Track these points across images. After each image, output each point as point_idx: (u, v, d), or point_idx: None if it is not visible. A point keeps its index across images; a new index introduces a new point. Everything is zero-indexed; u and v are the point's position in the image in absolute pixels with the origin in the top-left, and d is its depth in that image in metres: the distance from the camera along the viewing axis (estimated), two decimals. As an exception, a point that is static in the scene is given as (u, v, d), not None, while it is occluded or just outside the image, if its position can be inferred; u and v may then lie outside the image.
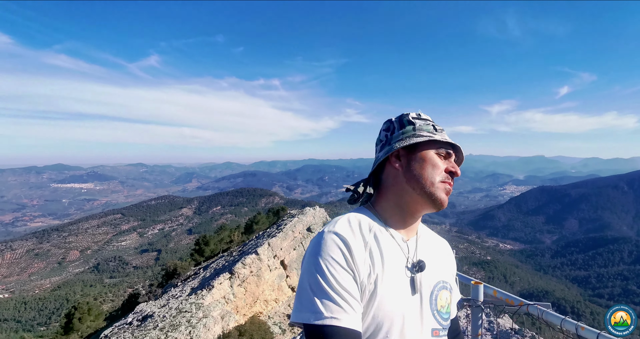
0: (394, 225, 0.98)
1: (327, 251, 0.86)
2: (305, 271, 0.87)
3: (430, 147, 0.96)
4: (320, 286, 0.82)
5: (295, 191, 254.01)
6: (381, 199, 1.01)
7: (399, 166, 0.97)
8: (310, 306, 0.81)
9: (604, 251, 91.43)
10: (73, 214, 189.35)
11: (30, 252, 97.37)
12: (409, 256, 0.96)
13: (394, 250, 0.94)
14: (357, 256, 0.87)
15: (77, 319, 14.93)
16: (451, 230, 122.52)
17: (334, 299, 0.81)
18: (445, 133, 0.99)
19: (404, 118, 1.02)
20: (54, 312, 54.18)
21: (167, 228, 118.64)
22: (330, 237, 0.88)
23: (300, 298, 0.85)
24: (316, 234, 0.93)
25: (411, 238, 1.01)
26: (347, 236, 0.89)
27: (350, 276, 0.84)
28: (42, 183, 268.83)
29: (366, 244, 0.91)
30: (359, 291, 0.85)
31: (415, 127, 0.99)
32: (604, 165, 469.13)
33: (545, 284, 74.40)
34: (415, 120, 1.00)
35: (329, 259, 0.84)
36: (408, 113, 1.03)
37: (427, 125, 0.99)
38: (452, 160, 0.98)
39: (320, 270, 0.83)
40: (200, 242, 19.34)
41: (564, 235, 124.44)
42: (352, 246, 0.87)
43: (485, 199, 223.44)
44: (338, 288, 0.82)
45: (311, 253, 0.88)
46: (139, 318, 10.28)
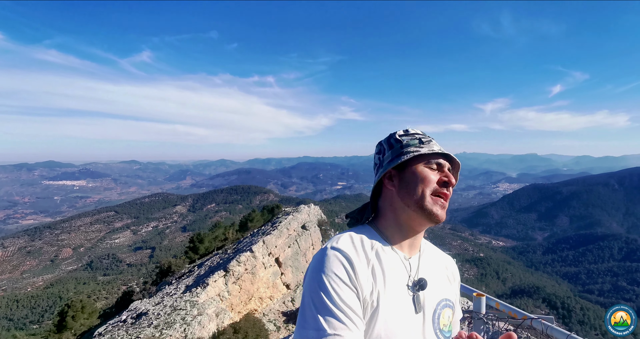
0: (396, 242, 0.99)
1: (330, 267, 0.86)
2: (308, 288, 0.87)
3: (418, 161, 0.96)
4: (323, 303, 0.82)
5: (290, 188, 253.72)
6: (381, 218, 1.02)
7: (391, 186, 0.99)
8: (313, 323, 0.81)
9: (594, 247, 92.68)
10: (65, 211, 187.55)
11: (22, 250, 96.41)
12: (411, 274, 0.97)
13: (396, 267, 0.95)
14: (360, 273, 0.87)
15: (70, 317, 14.87)
16: (444, 227, 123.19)
17: (337, 317, 0.81)
18: (434, 143, 0.99)
19: (391, 139, 1.03)
20: (47, 310, 53.77)
21: (161, 225, 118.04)
22: (333, 254, 0.89)
23: (304, 314, 0.85)
24: (318, 250, 0.93)
25: (414, 256, 1.01)
26: (350, 253, 0.89)
27: (353, 293, 0.85)
28: (33, 180, 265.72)
29: (369, 261, 0.91)
30: (362, 308, 0.86)
31: (403, 145, 0.99)
32: (595, 163, 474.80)
33: (536, 280, 75.25)
34: (402, 138, 1.01)
35: (332, 276, 0.85)
36: (396, 132, 1.04)
37: (414, 139, 0.99)
38: (445, 169, 0.96)
39: (324, 286, 0.84)
40: (195, 240, 19.32)
41: (555, 231, 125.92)
42: (355, 263, 0.88)
43: (479, 197, 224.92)
44: (341, 305, 0.82)
45: (314, 269, 0.88)
46: (133, 316, 10.29)
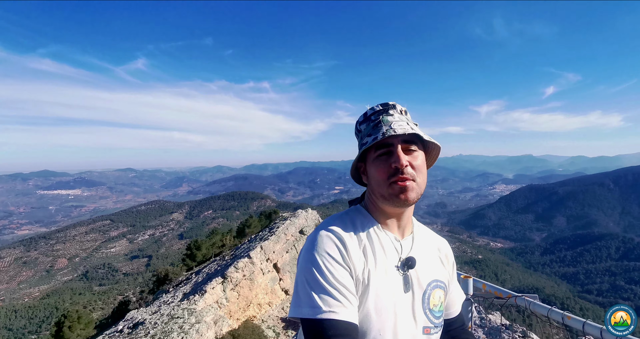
0: (386, 224, 1.00)
1: (323, 247, 0.88)
2: (302, 267, 0.89)
3: (370, 152, 0.96)
4: (317, 281, 0.84)
5: (287, 193, 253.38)
6: (369, 202, 1.04)
7: (365, 179, 1.02)
8: (308, 300, 0.83)
9: (592, 247, 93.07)
10: (60, 221, 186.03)
11: (18, 260, 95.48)
12: (402, 255, 0.98)
13: (387, 248, 0.96)
14: (352, 252, 0.89)
15: (67, 327, 14.68)
16: (442, 229, 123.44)
17: (331, 294, 0.82)
18: (382, 125, 0.94)
19: (355, 129, 1.04)
20: (44, 320, 53.48)
21: (157, 233, 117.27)
22: (326, 234, 0.91)
23: (298, 293, 0.86)
24: (312, 231, 0.95)
25: (406, 238, 1.03)
26: (342, 234, 0.92)
27: (346, 271, 0.87)
28: (28, 190, 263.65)
29: (360, 241, 0.94)
30: (355, 286, 0.88)
31: (361, 135, 1.00)
32: (590, 163, 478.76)
33: (535, 281, 75.39)
34: (360, 127, 1.02)
35: (325, 255, 0.87)
36: (358, 118, 1.04)
37: (368, 126, 0.98)
38: (396, 152, 0.91)
39: (317, 265, 0.85)
40: (192, 247, 19.16)
41: (553, 232, 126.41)
42: (347, 242, 0.90)
43: (476, 198, 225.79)
44: (335, 282, 0.84)
45: (307, 249, 0.90)
46: (130, 326, 10.15)
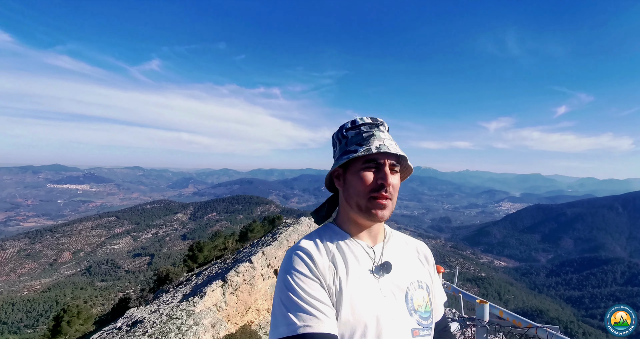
0: (357, 234, 1.01)
1: (293, 265, 0.89)
2: (276, 289, 0.90)
3: (357, 161, 0.95)
4: (290, 299, 0.84)
5: (292, 200, 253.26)
6: (339, 214, 1.05)
7: (339, 185, 1.01)
8: (283, 320, 0.83)
9: (598, 271, 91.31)
10: (67, 215, 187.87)
11: (21, 252, 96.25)
12: (375, 260, 0.98)
13: (359, 256, 0.96)
14: (319, 263, 0.90)
15: (65, 322, 14.76)
16: (446, 244, 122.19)
17: (304, 309, 0.82)
18: (375, 139, 0.96)
19: (339, 133, 1.03)
20: (42, 314, 53.38)
21: (161, 232, 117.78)
22: (295, 253, 0.93)
23: (275, 314, 0.87)
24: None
25: (378, 244, 1.03)
26: (309, 248, 0.93)
27: (316, 283, 0.87)
28: (38, 183, 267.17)
29: (329, 252, 0.95)
30: (328, 296, 0.88)
31: (347, 141, 0.99)
32: (599, 186, 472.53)
33: (539, 303, 73.99)
34: (347, 133, 1.01)
35: (295, 272, 0.88)
36: (344, 124, 1.03)
37: (357, 135, 0.98)
38: (384, 168, 0.94)
39: (288, 283, 0.86)
40: (194, 248, 19.26)
41: (559, 254, 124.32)
42: (315, 255, 0.92)
43: (481, 215, 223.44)
44: (307, 297, 0.84)
45: (280, 271, 0.92)
46: (129, 323, 10.21)
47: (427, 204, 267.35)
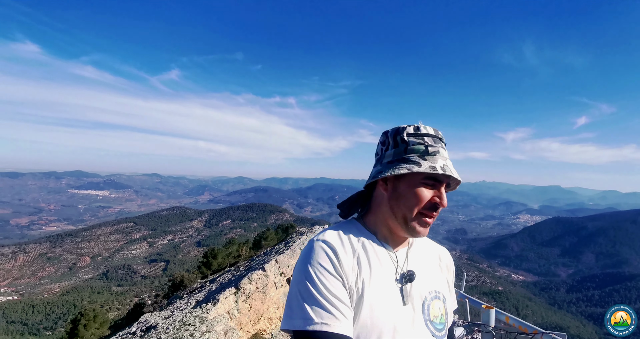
0: (383, 237, 0.98)
1: (316, 258, 0.86)
2: (295, 279, 0.88)
3: (416, 174, 0.91)
4: (310, 292, 0.82)
5: (306, 209, 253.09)
6: (370, 214, 1.02)
7: (384, 190, 0.96)
8: (300, 312, 0.81)
9: (621, 288, 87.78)
10: (87, 220, 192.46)
11: (42, 256, 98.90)
12: (398, 266, 0.95)
13: (382, 260, 0.94)
14: (344, 262, 0.87)
15: (82, 325, 15.08)
16: (462, 256, 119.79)
17: (323, 306, 0.81)
18: (439, 157, 0.92)
19: (398, 136, 0.97)
20: (61, 317, 54.56)
21: (176, 239, 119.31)
22: (319, 245, 0.89)
23: (291, 305, 0.85)
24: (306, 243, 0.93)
25: (402, 249, 1.00)
26: (335, 244, 0.90)
27: (339, 282, 0.85)
28: (60, 189, 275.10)
29: (354, 251, 0.91)
30: (348, 297, 0.85)
31: (408, 148, 0.94)
32: (622, 199, 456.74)
33: (559, 319, 71.57)
34: (409, 139, 0.95)
35: (318, 266, 0.85)
36: (405, 127, 0.97)
37: (420, 145, 0.93)
38: (442, 188, 0.92)
39: (310, 277, 0.84)
40: (209, 255, 19.46)
41: (580, 268, 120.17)
42: (340, 253, 0.88)
43: (498, 227, 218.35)
44: (327, 294, 0.82)
45: (301, 261, 0.89)
46: (143, 329, 10.38)
47: (442, 215, 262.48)
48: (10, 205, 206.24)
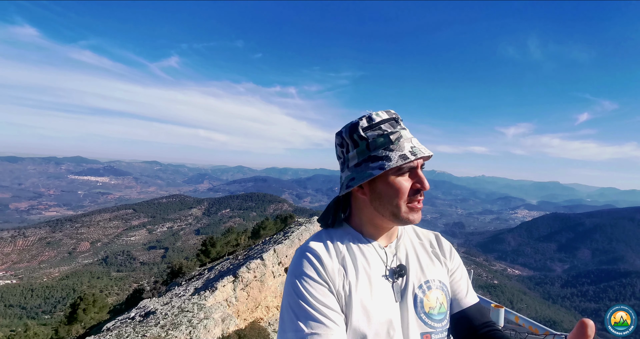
0: (369, 234, 0.96)
1: (301, 268, 0.86)
2: (284, 291, 0.87)
3: (389, 169, 0.86)
4: (298, 304, 0.82)
5: (305, 199, 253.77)
6: (354, 216, 0.99)
7: (362, 194, 0.92)
8: (291, 325, 0.81)
9: (616, 284, 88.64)
10: (87, 206, 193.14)
11: (42, 240, 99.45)
12: (387, 262, 0.93)
13: (370, 258, 0.92)
14: (329, 267, 0.87)
15: (81, 309, 15.24)
16: (459, 250, 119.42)
17: (312, 316, 0.80)
18: (404, 141, 0.87)
19: (354, 133, 0.91)
20: (60, 301, 55.00)
21: (175, 226, 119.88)
22: (303, 254, 0.89)
23: (283, 318, 0.84)
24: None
25: (390, 244, 0.98)
26: (318, 250, 0.89)
27: (325, 288, 0.84)
28: (60, 174, 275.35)
29: (339, 254, 0.90)
30: (337, 301, 0.85)
31: (369, 144, 0.88)
32: (620, 196, 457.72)
33: (553, 314, 72.38)
34: (367, 134, 0.89)
35: (303, 276, 0.85)
36: (357, 122, 0.91)
37: (380, 137, 0.87)
38: (418, 171, 0.88)
39: (297, 288, 0.84)
40: (207, 243, 19.59)
41: (576, 264, 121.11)
42: (324, 258, 0.87)
43: (496, 222, 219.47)
44: (315, 303, 0.82)
45: (289, 272, 0.89)
46: (142, 314, 10.51)
47: (441, 208, 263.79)
48: (9, 190, 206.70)
